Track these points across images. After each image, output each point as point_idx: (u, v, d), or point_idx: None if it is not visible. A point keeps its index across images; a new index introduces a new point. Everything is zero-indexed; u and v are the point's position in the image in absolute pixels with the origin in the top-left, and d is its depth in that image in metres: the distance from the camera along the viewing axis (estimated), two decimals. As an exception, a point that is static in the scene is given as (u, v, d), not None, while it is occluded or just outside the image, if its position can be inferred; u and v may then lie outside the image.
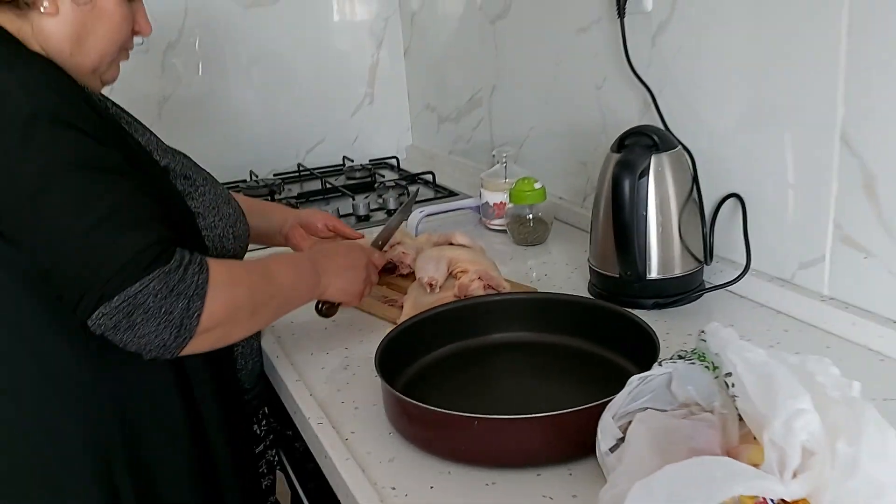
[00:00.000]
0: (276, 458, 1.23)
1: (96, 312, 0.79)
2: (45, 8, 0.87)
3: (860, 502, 0.59)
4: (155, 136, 1.01)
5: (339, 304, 1.09)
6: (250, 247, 1.15)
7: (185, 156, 1.04)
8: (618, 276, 1.14)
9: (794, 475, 0.62)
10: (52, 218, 0.80)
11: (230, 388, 1.04)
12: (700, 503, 0.59)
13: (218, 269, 0.86)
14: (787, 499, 0.61)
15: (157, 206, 0.87)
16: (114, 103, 1.01)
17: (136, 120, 1.02)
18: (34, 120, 0.81)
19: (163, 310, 0.80)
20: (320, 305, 1.08)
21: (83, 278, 0.79)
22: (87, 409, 0.90)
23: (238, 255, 1.05)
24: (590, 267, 1.21)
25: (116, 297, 0.79)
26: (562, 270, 1.34)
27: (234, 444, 1.01)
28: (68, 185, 0.81)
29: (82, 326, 0.81)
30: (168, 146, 1.02)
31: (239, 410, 1.06)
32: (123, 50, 0.97)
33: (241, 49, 2.02)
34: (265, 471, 1.19)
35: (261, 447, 1.18)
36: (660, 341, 0.90)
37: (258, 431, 1.17)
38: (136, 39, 0.98)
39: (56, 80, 0.86)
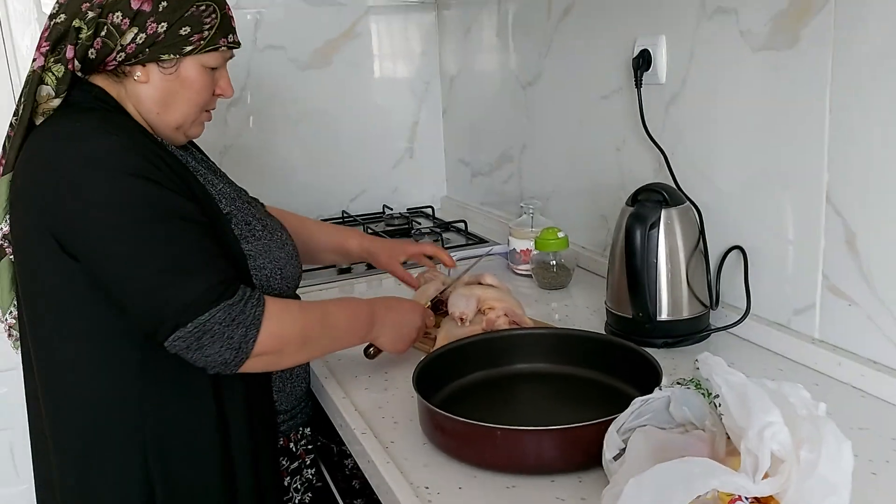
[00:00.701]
0: (315, 478, 1.35)
1: (172, 336, 0.96)
2: (137, 77, 1.06)
3: (816, 498, 0.71)
4: (228, 185, 1.17)
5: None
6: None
7: (255, 204, 1.20)
8: (631, 316, 1.27)
9: (765, 477, 0.74)
10: (134, 258, 0.97)
11: (262, 407, 1.16)
12: (682, 494, 0.72)
13: (273, 306, 1.03)
14: (758, 495, 0.74)
15: (219, 247, 1.03)
16: (200, 153, 1.18)
17: (213, 171, 1.19)
18: (126, 175, 0.97)
19: (225, 335, 0.98)
20: (369, 349, 1.24)
21: (161, 310, 0.96)
22: (131, 414, 1.04)
23: (284, 293, 1.17)
24: (606, 308, 1.35)
25: (190, 324, 0.96)
26: (581, 312, 1.47)
27: (260, 461, 1.13)
28: (150, 230, 0.97)
29: (132, 345, 1.00)
30: (239, 194, 1.18)
31: (270, 428, 1.18)
32: (206, 111, 1.14)
33: (291, 105, 2.22)
34: (300, 487, 1.31)
35: (296, 464, 1.30)
36: (665, 375, 1.02)
37: (294, 449, 1.29)
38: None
39: (142, 145, 1.03)
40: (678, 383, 0.95)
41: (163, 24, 1.03)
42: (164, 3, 1.03)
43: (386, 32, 2.30)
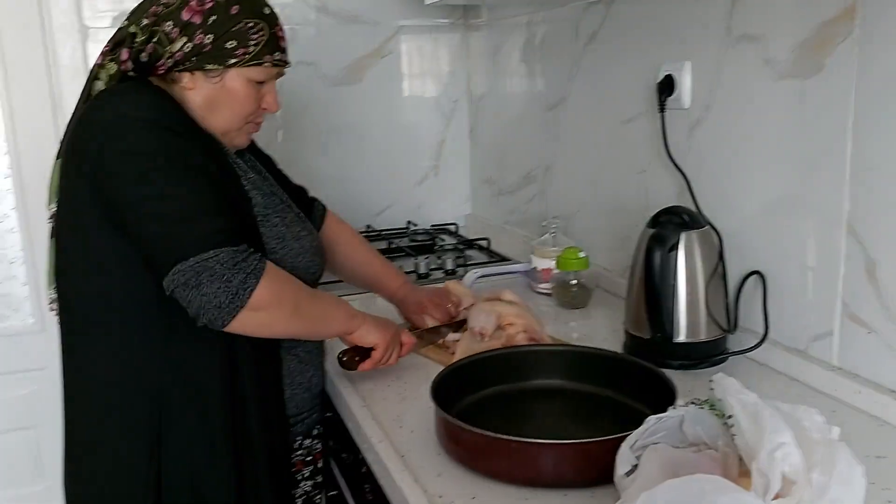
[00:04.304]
0: (326, 482, 1.37)
1: (173, 269, 1.00)
2: (184, 84, 1.13)
3: (826, 520, 0.72)
4: (261, 178, 1.23)
5: (358, 361, 1.23)
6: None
7: (285, 202, 1.25)
8: (649, 337, 1.28)
9: (776, 497, 0.75)
10: (153, 198, 1.02)
11: (275, 410, 1.19)
12: (692, 510, 0.73)
13: (273, 268, 1.07)
14: (767, 515, 0.74)
15: (232, 208, 1.09)
16: (242, 154, 1.24)
17: (252, 165, 1.25)
18: (154, 126, 1.05)
19: (224, 277, 1.01)
20: (342, 356, 1.23)
21: (168, 243, 1.01)
22: (145, 390, 1.09)
23: None
24: (624, 329, 1.36)
25: (192, 258, 1.00)
26: (600, 332, 1.48)
27: (272, 458, 1.16)
28: (171, 175, 1.03)
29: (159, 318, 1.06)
30: (273, 191, 1.23)
31: (283, 431, 1.21)
32: (250, 123, 1.19)
33: (320, 121, 2.27)
34: (310, 490, 1.33)
35: (310, 468, 1.32)
36: (681, 397, 1.03)
37: (307, 453, 1.31)
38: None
39: (173, 107, 1.10)
40: (692, 403, 0.96)
41: (209, 35, 1.09)
42: (214, 17, 1.09)
43: (416, 52, 2.34)
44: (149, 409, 1.08)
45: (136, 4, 1.14)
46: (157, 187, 1.03)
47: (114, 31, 1.15)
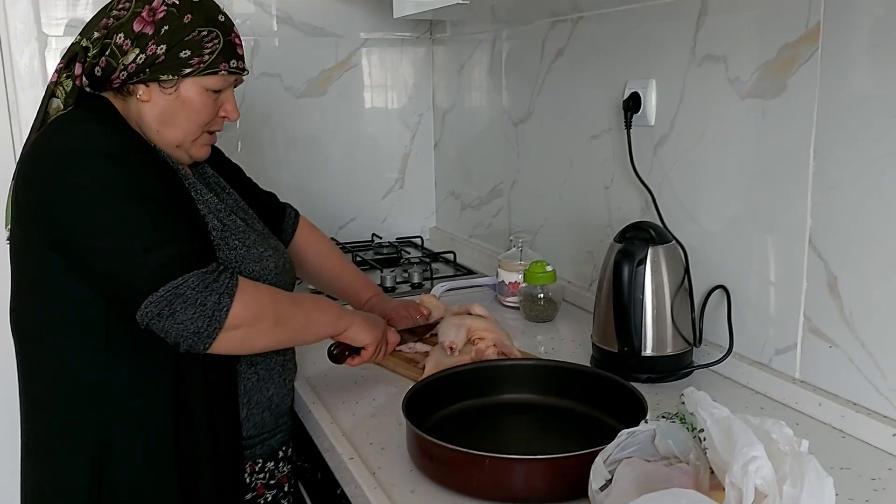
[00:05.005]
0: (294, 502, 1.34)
1: (144, 302, 0.98)
2: (140, 96, 1.11)
3: (798, 531, 0.73)
4: (219, 199, 1.20)
5: (347, 355, 1.23)
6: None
7: (245, 223, 1.22)
8: (616, 351, 1.29)
9: (748, 510, 0.76)
10: (108, 231, 1.00)
11: (224, 415, 1.16)
12: (668, 524, 0.73)
13: (246, 282, 1.06)
14: (741, 528, 0.75)
15: (193, 231, 1.07)
16: (203, 169, 1.23)
17: (208, 181, 1.23)
18: (104, 157, 1.02)
19: (198, 301, 0.99)
20: (333, 349, 1.23)
21: (134, 275, 0.99)
22: (90, 405, 1.06)
23: None
24: (592, 343, 1.37)
25: (162, 288, 0.98)
26: (567, 346, 1.49)
27: (220, 481, 1.14)
28: (127, 207, 1.01)
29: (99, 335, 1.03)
30: (233, 210, 1.21)
31: (235, 454, 1.18)
32: (208, 133, 1.17)
33: (281, 132, 2.24)
34: None
35: (273, 491, 1.29)
36: (650, 408, 1.04)
37: (273, 475, 1.28)
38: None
39: (124, 132, 1.08)
40: (663, 417, 0.97)
41: (162, 46, 1.07)
42: (166, 27, 1.07)
43: (380, 65, 2.34)
44: (93, 429, 1.06)
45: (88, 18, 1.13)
46: (109, 221, 1.00)
47: (68, 39, 1.13)
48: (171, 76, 1.08)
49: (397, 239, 2.32)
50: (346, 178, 2.34)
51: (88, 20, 1.12)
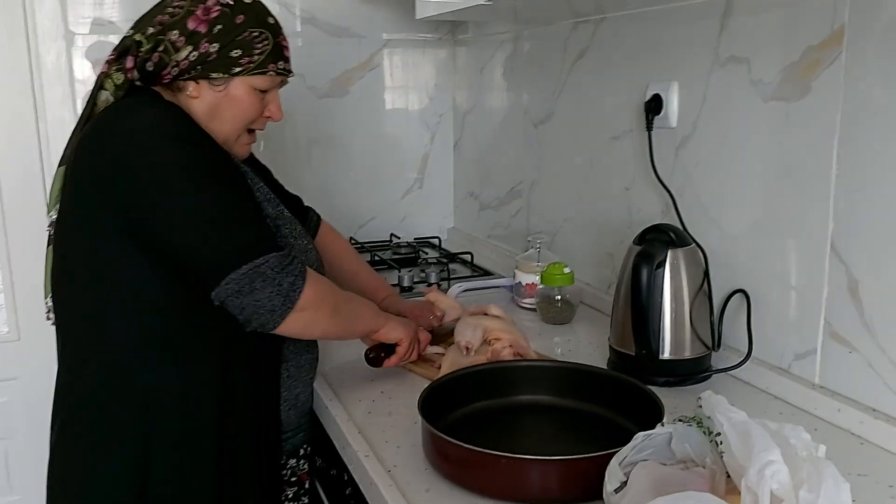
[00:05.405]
0: (311, 501, 1.35)
1: (225, 279, 1.01)
2: (190, 92, 1.13)
3: (814, 538, 0.72)
4: (268, 189, 1.23)
5: (384, 358, 1.26)
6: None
7: (289, 215, 1.25)
8: (634, 354, 1.28)
9: (765, 515, 0.75)
10: (190, 209, 1.02)
11: (269, 426, 1.19)
12: (683, 527, 0.73)
13: (311, 270, 1.10)
14: (756, 533, 0.75)
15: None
16: (248, 165, 1.25)
17: (257, 174, 1.25)
18: (173, 139, 1.05)
19: (276, 280, 1.03)
20: (369, 352, 1.27)
21: (216, 253, 1.01)
22: (135, 397, 1.08)
23: None
24: (609, 345, 1.36)
25: (244, 266, 1.01)
26: (584, 348, 1.49)
27: (259, 476, 1.16)
28: (202, 185, 1.04)
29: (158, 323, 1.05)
30: (277, 200, 1.23)
31: (275, 449, 1.21)
32: (251, 131, 1.20)
33: (303, 132, 2.26)
34: None
35: (294, 489, 1.31)
36: (666, 413, 1.03)
37: (293, 472, 1.30)
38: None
39: (188, 118, 1.11)
40: (680, 420, 0.96)
41: (215, 44, 1.09)
42: (219, 27, 1.09)
43: (402, 65, 2.35)
44: (137, 422, 1.07)
45: (143, 12, 1.14)
46: (192, 199, 1.03)
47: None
48: (221, 74, 1.11)
49: (415, 239, 2.32)
50: (367, 177, 2.35)
51: (142, 15, 1.14)
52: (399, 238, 2.31)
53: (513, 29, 2.02)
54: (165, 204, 1.02)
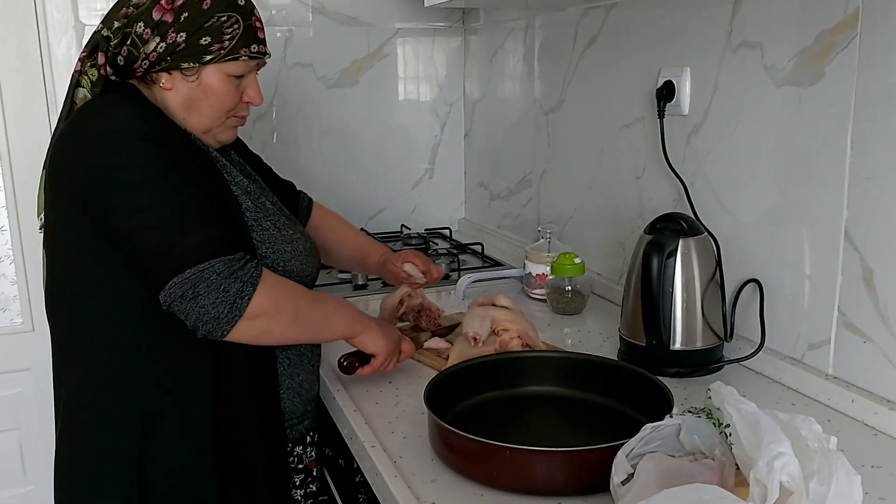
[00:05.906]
0: (319, 489, 1.35)
1: (169, 283, 0.99)
2: (163, 84, 1.11)
3: (824, 530, 0.71)
4: (250, 182, 1.21)
5: (357, 366, 1.22)
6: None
7: (275, 204, 1.23)
8: (644, 344, 1.27)
9: (773, 507, 0.74)
10: (146, 210, 1.01)
11: (271, 415, 1.18)
12: (690, 520, 0.72)
13: (270, 275, 1.06)
14: (764, 525, 0.73)
15: (222, 215, 1.07)
16: (229, 155, 1.23)
17: (237, 166, 1.23)
18: (138, 138, 1.03)
19: (221, 287, 1.00)
20: (343, 360, 1.22)
21: (161, 256, 1.00)
22: (135, 391, 1.08)
23: None
24: (620, 335, 1.35)
25: (188, 270, 0.99)
26: (595, 339, 1.48)
27: (270, 466, 1.16)
28: (159, 185, 1.02)
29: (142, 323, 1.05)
30: (263, 192, 1.22)
31: (280, 436, 1.20)
32: (233, 117, 1.17)
33: (315, 123, 2.26)
34: (300, 501, 1.31)
35: (301, 476, 1.31)
36: (677, 404, 1.02)
37: (301, 460, 1.30)
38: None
39: (157, 117, 1.09)
40: (689, 412, 0.95)
41: (182, 34, 1.07)
42: (185, 14, 1.07)
43: (412, 54, 2.34)
44: (134, 417, 1.07)
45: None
46: (148, 199, 1.01)
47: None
48: (192, 64, 1.08)
49: (426, 230, 2.31)
50: (377, 168, 2.34)
51: (109, 9, 1.12)
52: (409, 229, 2.30)
53: (524, 15, 2.00)
54: (125, 205, 1.01)
